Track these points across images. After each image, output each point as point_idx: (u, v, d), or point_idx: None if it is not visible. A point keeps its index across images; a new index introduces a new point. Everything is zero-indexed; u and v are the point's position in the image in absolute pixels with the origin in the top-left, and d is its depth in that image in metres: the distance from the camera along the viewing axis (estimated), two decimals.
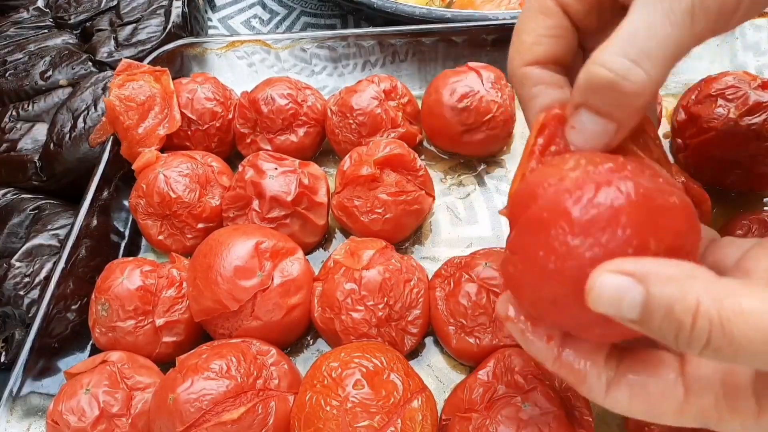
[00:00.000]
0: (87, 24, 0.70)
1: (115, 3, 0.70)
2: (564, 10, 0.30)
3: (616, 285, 0.22)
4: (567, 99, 0.29)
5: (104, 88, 0.59)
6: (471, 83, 0.53)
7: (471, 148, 0.55)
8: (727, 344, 0.21)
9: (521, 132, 0.58)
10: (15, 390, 0.42)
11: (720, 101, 0.49)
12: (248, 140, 0.56)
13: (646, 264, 0.22)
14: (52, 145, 0.57)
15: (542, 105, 0.30)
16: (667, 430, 0.36)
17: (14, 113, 0.60)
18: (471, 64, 0.55)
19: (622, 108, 0.25)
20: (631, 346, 0.27)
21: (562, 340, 0.27)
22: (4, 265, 0.51)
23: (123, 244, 0.54)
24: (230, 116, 0.57)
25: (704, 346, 0.21)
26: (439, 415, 0.40)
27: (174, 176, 0.50)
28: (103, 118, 0.55)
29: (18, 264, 0.51)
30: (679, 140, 0.52)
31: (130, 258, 0.48)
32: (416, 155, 0.50)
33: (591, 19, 0.30)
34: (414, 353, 0.45)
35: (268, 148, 0.55)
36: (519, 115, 0.58)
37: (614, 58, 0.24)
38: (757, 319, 0.20)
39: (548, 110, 0.29)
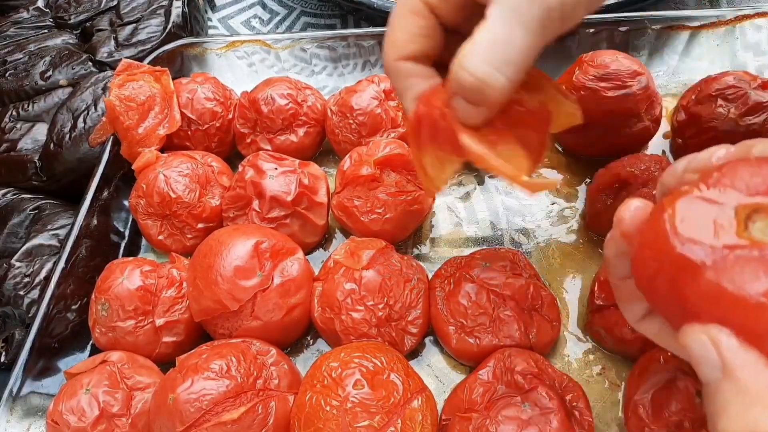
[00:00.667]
0: (87, 24, 0.70)
1: (115, 3, 0.70)
2: (432, 11, 0.34)
3: (703, 353, 0.22)
4: (435, 86, 0.34)
5: (104, 88, 0.59)
6: None
7: None
8: None
9: None
10: (15, 390, 0.42)
11: (720, 101, 0.49)
12: (248, 140, 0.56)
13: (743, 357, 0.21)
14: (52, 145, 0.57)
15: (416, 94, 0.34)
16: (668, 429, 0.36)
17: (14, 113, 0.60)
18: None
19: (488, 101, 0.30)
20: None
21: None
22: (4, 265, 0.51)
23: (123, 244, 0.54)
24: (230, 116, 0.57)
25: None
26: (439, 415, 0.40)
27: (174, 176, 0.50)
28: (103, 118, 0.55)
29: (18, 264, 0.51)
30: (679, 140, 0.52)
31: (130, 258, 0.48)
32: None
33: (456, 17, 0.34)
34: (414, 353, 0.45)
35: (268, 148, 0.55)
36: None
37: (478, 65, 0.29)
38: None
39: (421, 98, 0.34)
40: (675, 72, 0.60)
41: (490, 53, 0.29)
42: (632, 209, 0.27)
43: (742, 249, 0.22)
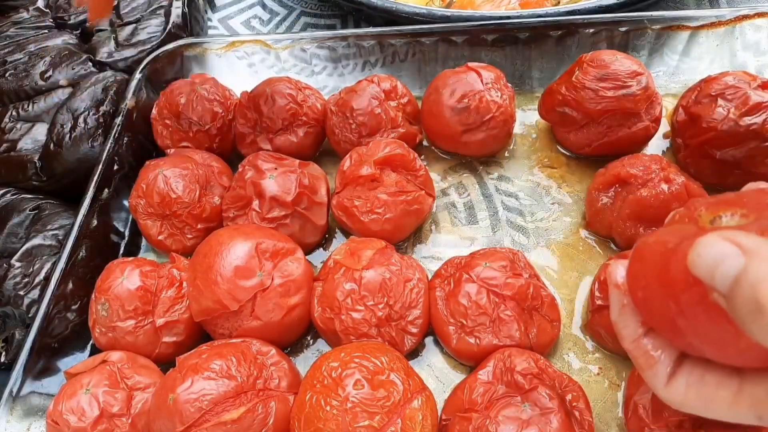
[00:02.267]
0: (87, 24, 0.70)
1: (115, 3, 0.70)
2: None
3: (720, 250, 0.22)
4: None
5: (104, 89, 0.59)
6: (471, 83, 0.53)
7: (471, 148, 0.55)
8: None
9: (521, 132, 0.59)
10: (15, 390, 0.42)
11: (720, 101, 0.49)
12: (248, 140, 0.56)
13: (758, 241, 0.22)
14: (52, 145, 0.57)
15: None
16: (668, 429, 0.35)
17: (14, 113, 0.60)
18: (471, 64, 0.55)
19: None
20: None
21: (649, 328, 0.29)
22: (4, 265, 0.51)
23: (123, 244, 0.54)
24: (230, 116, 0.57)
25: None
26: (439, 415, 0.40)
27: (174, 176, 0.50)
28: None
29: (18, 264, 0.51)
30: (679, 140, 0.52)
31: (130, 258, 0.48)
32: (416, 155, 0.50)
33: None
34: (414, 353, 0.45)
35: (268, 148, 0.55)
36: (519, 116, 0.58)
37: None
38: None
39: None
40: (675, 72, 0.60)
41: None
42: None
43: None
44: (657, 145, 0.55)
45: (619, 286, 0.31)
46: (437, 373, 0.45)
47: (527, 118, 0.59)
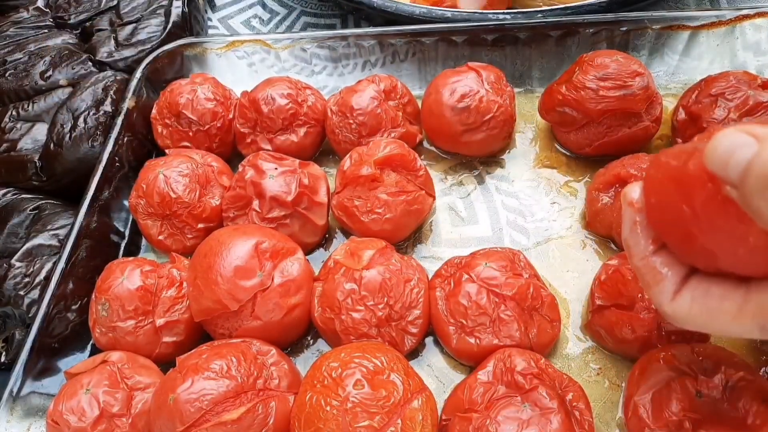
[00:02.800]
0: (87, 24, 0.70)
1: (115, 3, 0.70)
2: None
3: (735, 139, 0.22)
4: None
5: (104, 89, 0.59)
6: (471, 83, 0.53)
7: (471, 148, 0.55)
8: None
9: (521, 132, 0.59)
10: (15, 390, 0.42)
11: (720, 101, 0.49)
12: (248, 140, 0.56)
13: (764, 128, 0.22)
14: (52, 145, 0.57)
15: None
16: (668, 429, 0.36)
17: (14, 113, 0.60)
18: (471, 64, 0.55)
19: None
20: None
21: (658, 247, 0.29)
22: (4, 265, 0.51)
23: (123, 244, 0.54)
24: (230, 116, 0.57)
25: None
26: (439, 415, 0.40)
27: (174, 176, 0.50)
28: None
29: (18, 264, 0.51)
30: (679, 140, 0.52)
31: (130, 258, 0.48)
32: (416, 155, 0.50)
33: None
34: (414, 353, 0.45)
35: (268, 148, 0.55)
36: (519, 116, 0.58)
37: None
38: None
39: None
40: (675, 72, 0.60)
41: None
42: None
43: None
44: (657, 145, 0.55)
45: (632, 203, 0.31)
46: (437, 373, 0.45)
47: (527, 118, 0.59)
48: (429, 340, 0.46)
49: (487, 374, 0.39)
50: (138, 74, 0.59)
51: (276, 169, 0.49)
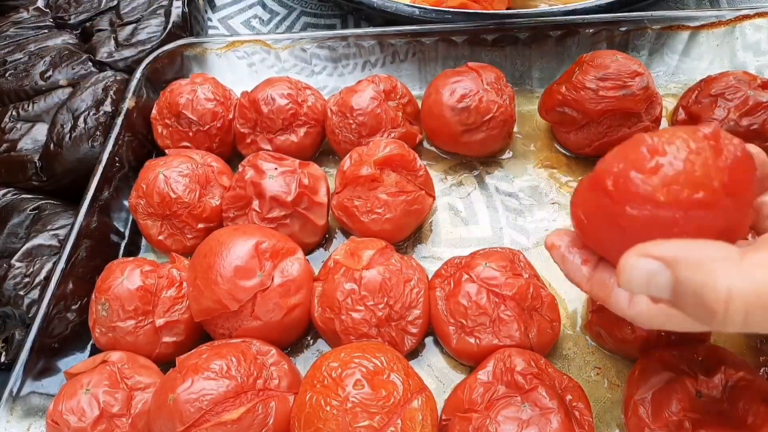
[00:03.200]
0: (87, 24, 0.70)
1: (115, 3, 0.70)
2: None
3: (645, 269, 0.23)
4: None
5: (104, 89, 0.59)
6: (471, 83, 0.53)
7: (471, 148, 0.55)
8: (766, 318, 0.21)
9: (521, 132, 0.59)
10: (15, 390, 0.42)
11: (720, 101, 0.49)
12: (248, 140, 0.56)
13: (674, 247, 0.23)
14: (52, 145, 0.57)
15: None
16: (668, 429, 0.36)
17: (14, 113, 0.60)
18: (471, 64, 0.55)
19: None
20: None
21: (595, 264, 0.31)
22: (4, 265, 0.51)
23: (123, 244, 0.54)
24: (230, 116, 0.57)
25: (742, 325, 0.21)
26: (439, 415, 0.40)
27: (174, 176, 0.50)
28: None
29: (18, 264, 0.51)
30: None
31: (130, 258, 0.48)
32: (416, 155, 0.50)
33: None
34: (414, 353, 0.45)
35: (268, 148, 0.55)
36: (519, 116, 0.58)
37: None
38: None
39: None
40: (675, 72, 0.60)
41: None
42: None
43: None
44: None
45: (553, 247, 0.34)
46: (437, 373, 0.45)
47: (527, 118, 0.59)
48: (429, 340, 0.46)
49: (487, 374, 0.39)
50: (138, 74, 0.59)
51: (276, 169, 0.49)
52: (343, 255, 0.45)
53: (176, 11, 0.67)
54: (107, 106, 0.58)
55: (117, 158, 0.54)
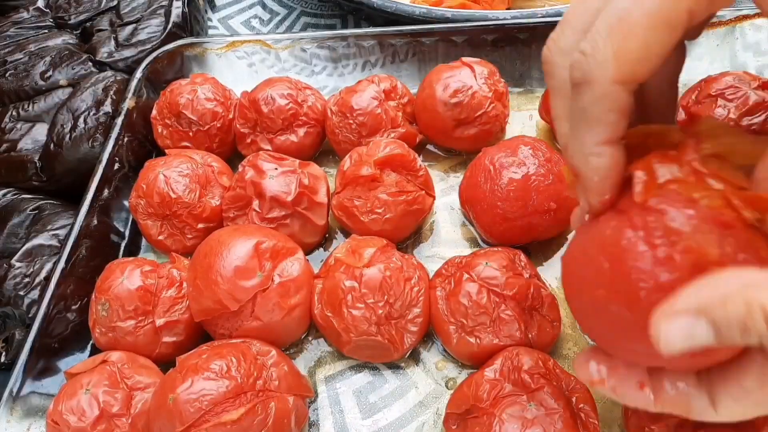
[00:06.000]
0: (87, 24, 0.70)
1: (115, 3, 0.70)
2: (689, 20, 0.24)
3: (680, 328, 0.22)
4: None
5: (104, 89, 0.59)
6: (464, 78, 0.53)
7: (464, 142, 0.55)
8: None
9: (521, 132, 0.58)
10: (15, 390, 0.42)
11: (720, 101, 0.49)
12: (248, 140, 0.56)
13: (697, 294, 0.22)
14: (52, 145, 0.57)
15: (614, 136, 0.26)
16: (668, 429, 0.35)
17: (14, 113, 0.60)
18: (465, 59, 0.55)
19: None
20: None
21: (651, 381, 0.27)
22: (4, 265, 0.51)
23: (123, 244, 0.54)
24: (230, 116, 0.57)
25: None
26: (440, 413, 0.40)
27: (174, 176, 0.50)
28: None
29: (18, 264, 0.51)
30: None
31: (130, 258, 0.48)
32: (416, 155, 0.50)
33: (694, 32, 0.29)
34: (414, 353, 0.45)
35: (268, 148, 0.55)
36: (519, 116, 0.58)
37: None
38: None
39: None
40: None
41: None
42: None
43: None
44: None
45: (598, 381, 0.28)
46: (437, 373, 0.45)
47: (527, 118, 0.59)
48: (429, 339, 0.46)
49: (494, 371, 0.39)
50: (138, 74, 0.59)
51: (276, 169, 0.49)
52: (344, 252, 0.45)
53: (176, 11, 0.67)
54: (107, 106, 0.58)
55: (117, 158, 0.54)
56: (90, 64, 0.63)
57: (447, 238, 0.52)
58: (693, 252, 0.23)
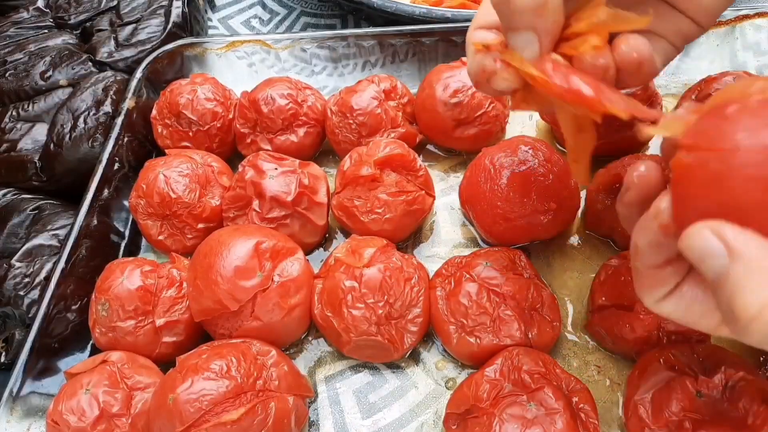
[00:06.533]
0: (87, 24, 0.70)
1: (115, 3, 0.70)
2: None
3: (706, 245, 0.22)
4: None
5: (104, 89, 0.59)
6: (464, 78, 0.53)
7: (464, 142, 0.55)
8: None
9: (521, 132, 0.58)
10: (15, 390, 0.42)
11: None
12: (248, 140, 0.56)
13: (747, 241, 0.22)
14: (52, 145, 0.57)
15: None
16: (668, 429, 0.36)
17: (14, 113, 0.60)
18: (465, 59, 0.55)
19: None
20: None
21: (668, 260, 0.27)
22: (4, 265, 0.51)
23: (123, 244, 0.54)
24: (230, 116, 0.57)
25: (759, 343, 0.22)
26: (440, 412, 0.40)
27: (174, 176, 0.50)
28: None
29: (18, 264, 0.51)
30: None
31: (130, 258, 0.48)
32: (416, 155, 0.50)
33: None
34: (414, 353, 0.45)
35: (268, 148, 0.55)
36: (519, 115, 0.58)
37: None
38: None
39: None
40: (675, 72, 0.60)
41: None
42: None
43: None
44: (657, 145, 0.55)
45: (659, 214, 0.27)
46: (436, 373, 0.45)
47: (527, 118, 0.59)
48: (429, 339, 0.46)
49: (495, 371, 0.39)
50: (138, 74, 0.59)
51: (276, 169, 0.49)
52: (345, 252, 0.45)
53: (176, 11, 0.67)
54: (107, 106, 0.58)
55: (117, 158, 0.54)
56: (90, 64, 0.63)
57: (447, 238, 0.52)
58: None
